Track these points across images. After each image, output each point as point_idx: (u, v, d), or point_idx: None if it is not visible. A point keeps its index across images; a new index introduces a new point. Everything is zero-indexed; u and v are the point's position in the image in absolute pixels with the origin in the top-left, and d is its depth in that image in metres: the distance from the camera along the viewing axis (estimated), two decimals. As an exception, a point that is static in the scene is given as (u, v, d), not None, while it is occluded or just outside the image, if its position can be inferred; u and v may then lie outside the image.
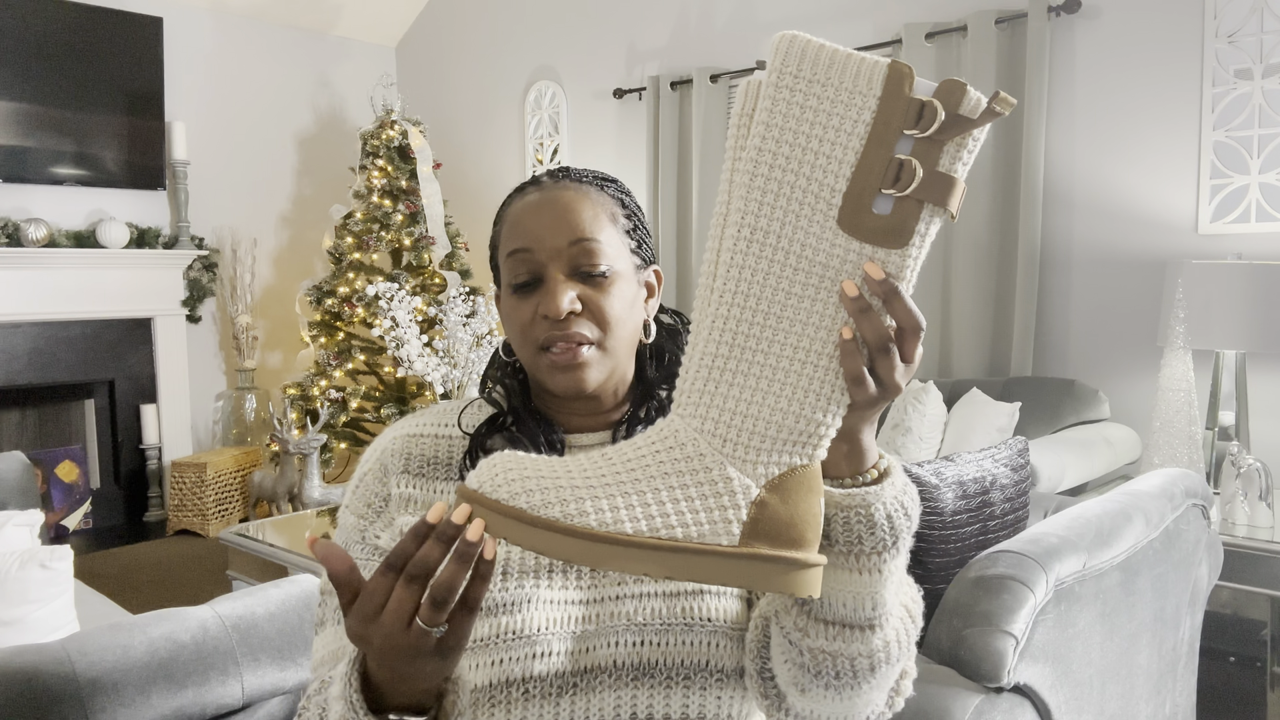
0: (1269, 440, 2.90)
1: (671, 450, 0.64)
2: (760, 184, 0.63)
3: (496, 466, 0.62)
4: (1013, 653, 1.30)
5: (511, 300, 0.88)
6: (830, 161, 0.62)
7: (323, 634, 0.89)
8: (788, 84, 0.62)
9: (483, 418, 0.93)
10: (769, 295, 0.63)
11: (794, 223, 0.63)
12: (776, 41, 0.62)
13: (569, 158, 5.00)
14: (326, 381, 4.73)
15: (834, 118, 0.62)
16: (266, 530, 3.06)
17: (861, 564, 0.70)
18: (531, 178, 0.92)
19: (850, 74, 0.61)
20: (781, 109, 0.62)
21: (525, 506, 0.60)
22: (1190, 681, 1.94)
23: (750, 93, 0.66)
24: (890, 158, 0.61)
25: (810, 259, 0.63)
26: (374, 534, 0.90)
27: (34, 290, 4.42)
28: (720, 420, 0.64)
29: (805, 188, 0.62)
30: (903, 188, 0.61)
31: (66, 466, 4.58)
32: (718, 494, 0.63)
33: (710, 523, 0.62)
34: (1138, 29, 3.16)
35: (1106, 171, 3.26)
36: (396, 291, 3.42)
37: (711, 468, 0.63)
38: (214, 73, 5.13)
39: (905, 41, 3.58)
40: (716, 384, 0.64)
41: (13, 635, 1.67)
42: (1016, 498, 1.72)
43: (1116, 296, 3.26)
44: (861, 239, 0.62)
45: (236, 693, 1.29)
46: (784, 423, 0.64)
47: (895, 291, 0.62)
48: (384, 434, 0.96)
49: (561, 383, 0.85)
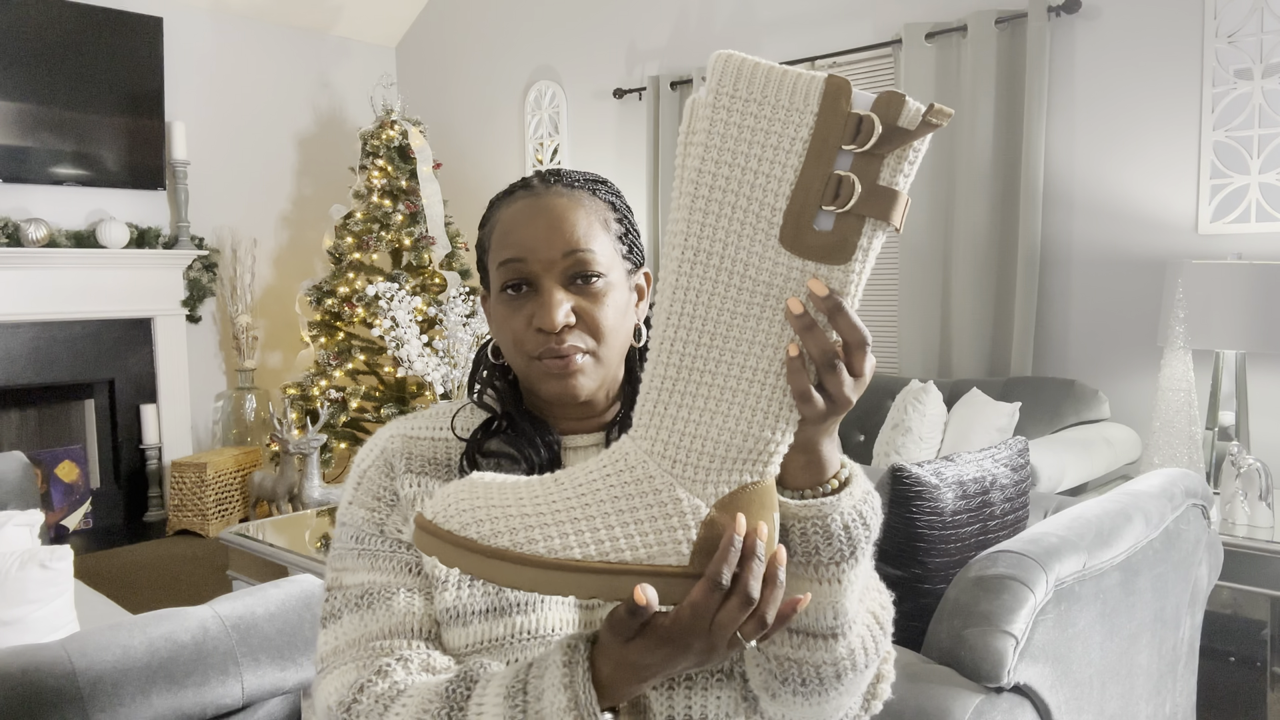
0: (1269, 440, 2.90)
1: (621, 473, 0.65)
2: (702, 205, 0.63)
3: (450, 497, 0.63)
4: (1013, 653, 1.30)
5: (503, 308, 0.87)
6: (770, 180, 0.62)
7: (336, 625, 0.86)
8: (724, 104, 0.62)
9: (476, 421, 0.93)
10: (714, 315, 0.64)
11: (736, 242, 0.63)
12: (713, 61, 0.62)
13: (569, 158, 4.99)
14: (326, 381, 4.73)
15: (772, 135, 0.62)
16: (266, 530, 3.06)
17: (820, 574, 0.70)
18: (521, 180, 0.91)
19: (787, 91, 0.61)
20: (720, 129, 0.62)
21: (475, 536, 0.61)
22: (1190, 681, 1.94)
23: (691, 113, 0.66)
24: (829, 174, 0.61)
25: (754, 278, 0.63)
26: (394, 528, 0.88)
27: (34, 290, 4.42)
28: (670, 441, 0.64)
29: (746, 207, 0.62)
30: (842, 203, 0.61)
31: (66, 466, 4.58)
32: (666, 515, 0.64)
33: (660, 544, 0.63)
34: (1138, 29, 3.16)
35: (1106, 171, 3.26)
36: (396, 291, 3.42)
37: (660, 489, 0.64)
38: (214, 73, 5.13)
39: (905, 41, 3.58)
40: (666, 405, 0.65)
41: (13, 635, 1.67)
42: (1016, 498, 1.72)
43: (1116, 296, 3.26)
44: (804, 256, 0.62)
45: (236, 693, 1.29)
46: (733, 441, 0.64)
47: (839, 307, 0.62)
48: (380, 433, 0.95)
49: (555, 391, 0.86)
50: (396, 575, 0.86)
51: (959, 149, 3.49)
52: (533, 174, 0.91)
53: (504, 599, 0.84)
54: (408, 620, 0.83)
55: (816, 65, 3.97)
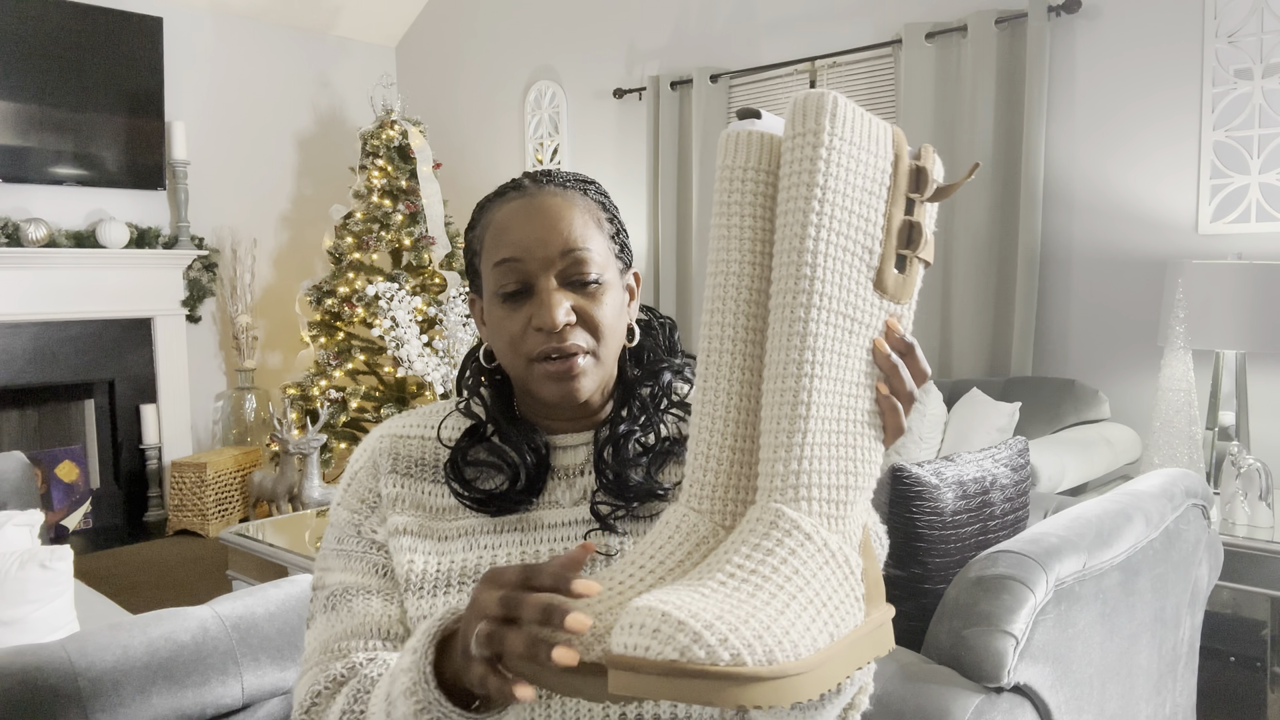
0: (1269, 440, 2.90)
1: (804, 545, 0.61)
2: (822, 248, 0.63)
3: (685, 623, 0.52)
4: (1013, 653, 1.30)
5: (499, 310, 0.87)
6: (869, 224, 0.64)
7: (314, 627, 0.90)
8: (838, 146, 0.62)
9: (464, 427, 0.93)
10: (837, 361, 0.64)
11: (849, 285, 0.64)
12: (812, 101, 0.62)
13: (569, 158, 4.99)
14: (326, 381, 4.73)
15: (870, 181, 0.64)
16: (266, 530, 3.06)
17: None
18: (511, 181, 0.90)
19: (875, 138, 0.63)
20: (836, 172, 0.62)
21: (749, 661, 0.52)
22: (1190, 681, 1.93)
23: (752, 146, 0.65)
24: (904, 219, 0.65)
25: (862, 321, 0.65)
26: (370, 528, 0.91)
27: (34, 290, 4.42)
28: (824, 499, 0.63)
29: (857, 252, 0.64)
30: (915, 248, 0.65)
31: (66, 466, 4.58)
32: (847, 576, 0.62)
33: (851, 606, 0.62)
34: (1138, 29, 3.16)
35: (1106, 171, 3.26)
36: (396, 291, 3.42)
37: (834, 551, 0.62)
38: (214, 73, 5.13)
39: (905, 41, 3.57)
40: (812, 460, 0.63)
41: (13, 635, 1.67)
42: (1016, 498, 1.72)
43: (1116, 296, 3.26)
44: (886, 297, 0.65)
45: (236, 693, 1.29)
46: (863, 484, 0.65)
47: (913, 346, 0.67)
48: (372, 433, 0.97)
49: (555, 393, 0.86)
50: (364, 576, 0.89)
51: (959, 149, 3.49)
52: (522, 175, 0.91)
53: None
54: (367, 622, 0.86)
55: (816, 65, 3.97)
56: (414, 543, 0.88)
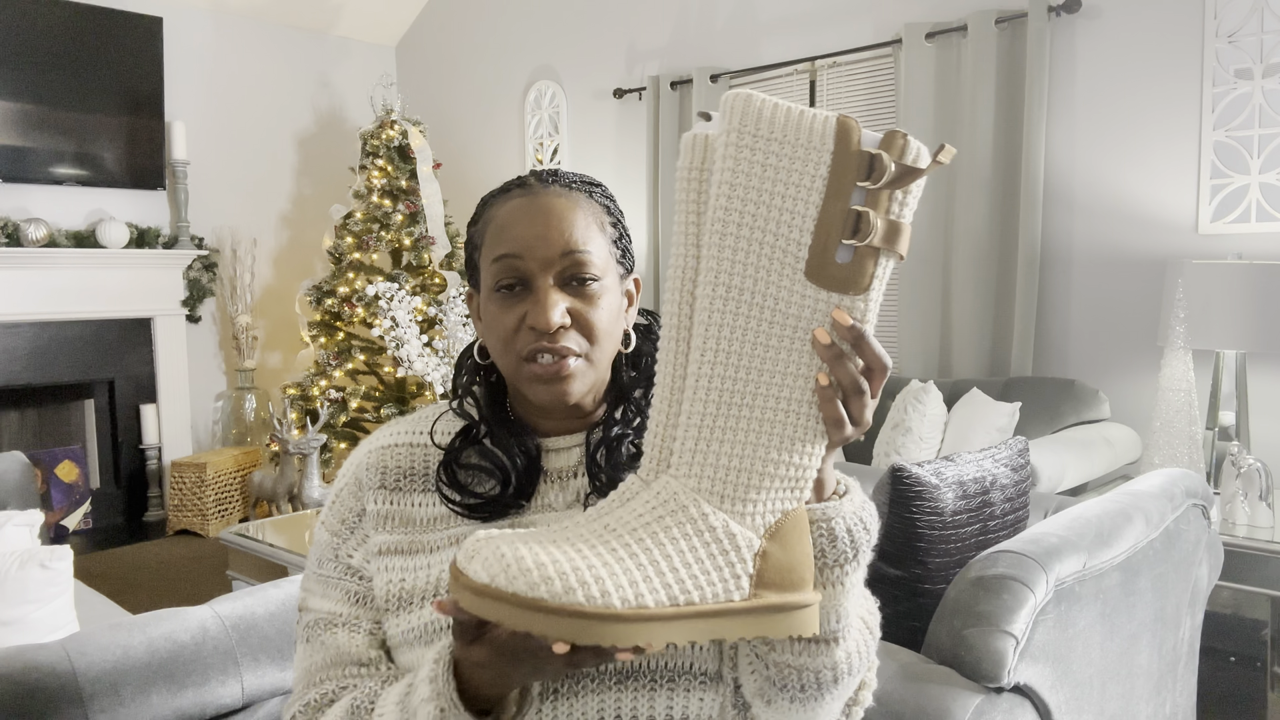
0: (1269, 440, 2.90)
1: (675, 514, 0.66)
2: (731, 243, 0.65)
3: (501, 555, 0.61)
4: (1013, 653, 1.30)
5: (495, 306, 0.86)
6: (794, 216, 0.65)
7: (297, 653, 0.92)
8: (748, 143, 0.65)
9: (456, 428, 0.92)
10: (749, 350, 0.66)
11: (765, 278, 0.66)
12: (731, 101, 0.65)
13: (569, 158, 4.99)
14: (326, 381, 4.73)
15: (794, 174, 0.65)
16: (266, 530, 3.06)
17: (825, 576, 0.72)
18: (516, 179, 0.90)
19: (805, 130, 0.65)
20: (744, 168, 0.65)
21: (546, 596, 0.59)
22: (1190, 681, 1.94)
23: (697, 147, 0.68)
24: (848, 209, 0.65)
25: (784, 311, 0.66)
26: (347, 552, 0.92)
27: (34, 290, 4.42)
28: (717, 478, 0.66)
29: (774, 244, 0.66)
30: (862, 238, 0.65)
31: (66, 466, 4.58)
32: (724, 551, 0.65)
33: (722, 581, 0.64)
34: (1138, 29, 3.16)
35: (1106, 171, 3.26)
36: (396, 291, 3.42)
37: (715, 525, 0.65)
38: (214, 73, 5.13)
39: (905, 41, 3.58)
40: (708, 442, 0.67)
41: (13, 635, 1.67)
42: (1016, 498, 1.72)
43: (1116, 296, 3.26)
44: (827, 288, 0.66)
45: (236, 693, 1.29)
46: (775, 472, 0.67)
47: (863, 336, 0.66)
48: (359, 447, 0.96)
49: (545, 395, 0.85)
50: (338, 604, 0.90)
51: (959, 149, 3.49)
52: (529, 173, 0.90)
53: None
54: (341, 655, 0.87)
55: (816, 65, 3.97)
56: (400, 561, 0.88)
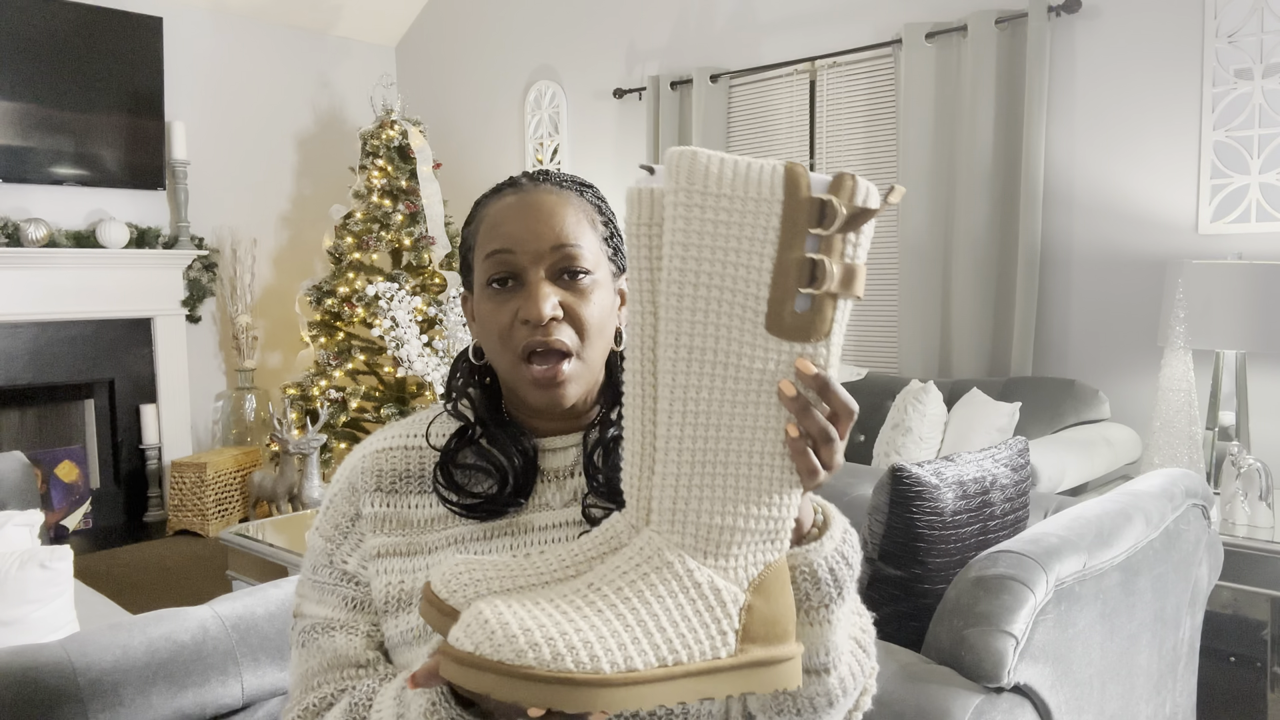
0: (1269, 440, 2.90)
1: (660, 571, 0.65)
2: (689, 304, 0.64)
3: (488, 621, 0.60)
4: (1013, 653, 1.30)
5: (488, 303, 0.87)
6: (750, 270, 0.64)
7: (292, 659, 0.93)
8: (697, 201, 0.63)
9: (452, 429, 0.93)
10: (716, 409, 0.65)
11: (727, 335, 0.65)
12: (676, 158, 0.64)
13: (569, 157, 5.00)
14: (326, 381, 4.73)
15: (745, 228, 0.64)
16: (266, 530, 3.06)
17: (811, 617, 0.73)
18: (508, 179, 0.91)
19: (753, 183, 0.63)
20: (696, 226, 0.63)
21: (534, 664, 0.58)
22: (1190, 681, 1.94)
23: (643, 202, 0.67)
24: (802, 258, 0.64)
25: (748, 367, 0.65)
26: (341, 558, 0.92)
27: (34, 290, 4.42)
28: (699, 535, 0.66)
29: (732, 300, 0.64)
30: (819, 285, 0.64)
31: (66, 466, 4.58)
32: (710, 608, 0.65)
33: (709, 639, 0.64)
34: (1138, 29, 3.16)
35: (1106, 171, 3.26)
36: (396, 291, 3.42)
37: (701, 582, 0.65)
38: (214, 73, 5.13)
39: (905, 41, 3.57)
40: (686, 500, 0.66)
41: (13, 635, 1.67)
42: (1016, 498, 1.72)
43: (1116, 296, 3.26)
44: (788, 338, 0.65)
45: (236, 693, 1.29)
46: (754, 526, 0.67)
47: (828, 383, 0.65)
48: (354, 452, 0.96)
49: (541, 399, 0.86)
50: (334, 610, 0.91)
51: (959, 149, 3.49)
52: (521, 174, 0.91)
53: None
54: (337, 658, 0.88)
55: (816, 65, 3.97)
56: (399, 562, 0.88)
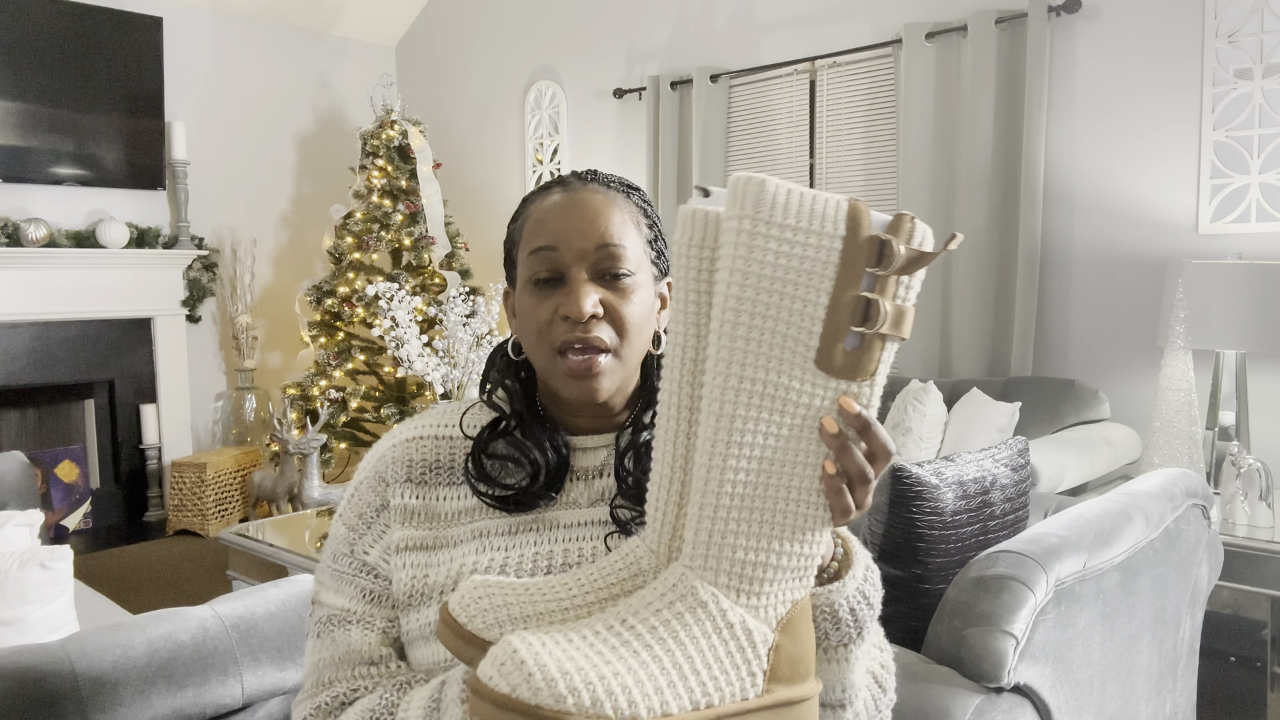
0: (1269, 440, 2.90)
1: (695, 611, 0.64)
2: (744, 333, 0.63)
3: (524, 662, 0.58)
4: (1013, 653, 1.30)
5: (530, 298, 0.87)
6: (807, 305, 0.63)
7: (308, 648, 0.92)
8: (761, 230, 0.62)
9: (484, 420, 0.93)
10: (761, 442, 0.64)
11: (778, 368, 0.64)
12: (743, 185, 0.63)
13: (569, 158, 4.99)
14: (326, 381, 4.73)
15: (806, 261, 0.63)
16: (266, 530, 3.06)
17: (830, 655, 0.73)
18: (557, 177, 0.92)
19: (818, 217, 0.62)
20: (758, 255, 0.62)
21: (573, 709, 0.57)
22: (1190, 681, 1.94)
23: (697, 223, 0.66)
24: (858, 297, 0.63)
25: (795, 401, 0.64)
26: (364, 548, 0.92)
27: (34, 290, 4.42)
28: (733, 572, 0.65)
29: (786, 333, 0.64)
30: (872, 325, 0.63)
31: (66, 466, 4.58)
32: (742, 649, 0.64)
33: (739, 680, 0.63)
34: (1138, 29, 3.16)
35: (1106, 171, 3.26)
36: (396, 291, 3.42)
37: (734, 623, 0.64)
38: (214, 73, 5.13)
39: (905, 41, 3.57)
40: (722, 535, 0.65)
41: (13, 635, 1.67)
42: (1016, 498, 1.72)
43: (1116, 296, 3.26)
44: (836, 375, 0.64)
45: (236, 693, 1.29)
46: (785, 564, 0.66)
47: (869, 424, 0.65)
48: (383, 440, 0.96)
49: (575, 391, 0.86)
50: (351, 601, 0.90)
51: (959, 149, 3.49)
52: (570, 173, 0.92)
53: None
54: (350, 653, 0.88)
55: (816, 65, 3.97)
56: (423, 556, 0.88)
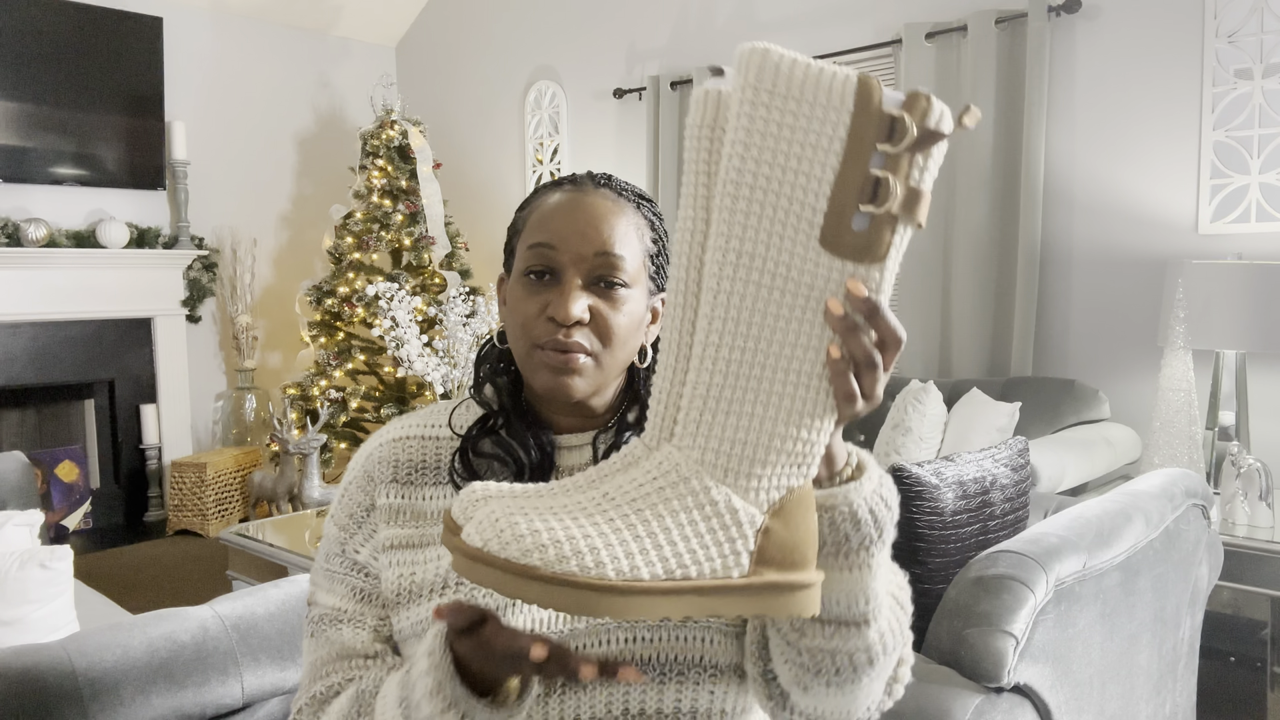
0: (1269, 440, 2.90)
1: (676, 486, 0.63)
2: (744, 206, 0.61)
3: (496, 519, 0.59)
4: (1013, 653, 1.30)
5: (521, 290, 0.87)
6: (810, 180, 0.60)
7: (305, 648, 0.93)
8: (764, 101, 0.60)
9: (473, 418, 0.93)
10: (759, 320, 0.62)
11: (779, 244, 0.61)
12: (747, 56, 0.60)
13: (569, 158, 4.99)
14: (326, 381, 4.73)
15: (810, 134, 0.60)
16: (266, 530, 3.06)
17: (850, 561, 0.71)
18: (571, 175, 0.91)
19: (824, 89, 0.60)
20: (759, 127, 0.60)
21: (539, 564, 0.57)
22: (1190, 681, 1.94)
23: (709, 103, 0.64)
24: (866, 174, 0.60)
25: (796, 280, 0.62)
26: (354, 548, 0.92)
27: (34, 290, 4.42)
28: (721, 450, 0.64)
29: (788, 208, 0.61)
30: (880, 204, 0.60)
31: (66, 466, 4.58)
32: (725, 526, 0.63)
33: (721, 557, 0.62)
34: (1138, 29, 3.16)
35: (1106, 171, 3.26)
36: (396, 291, 3.42)
37: (717, 500, 0.63)
38: (214, 73, 5.13)
39: (905, 41, 3.57)
40: (714, 413, 0.63)
41: (13, 635, 1.67)
42: (1016, 498, 1.72)
43: (1116, 296, 3.26)
44: (842, 256, 0.61)
45: (236, 693, 1.29)
46: (782, 446, 0.64)
47: (878, 308, 0.62)
48: (370, 439, 0.96)
49: (549, 383, 0.85)
50: (343, 600, 0.91)
51: (959, 149, 3.49)
52: (585, 172, 0.92)
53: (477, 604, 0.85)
54: (345, 650, 0.89)
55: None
56: (410, 555, 0.88)
